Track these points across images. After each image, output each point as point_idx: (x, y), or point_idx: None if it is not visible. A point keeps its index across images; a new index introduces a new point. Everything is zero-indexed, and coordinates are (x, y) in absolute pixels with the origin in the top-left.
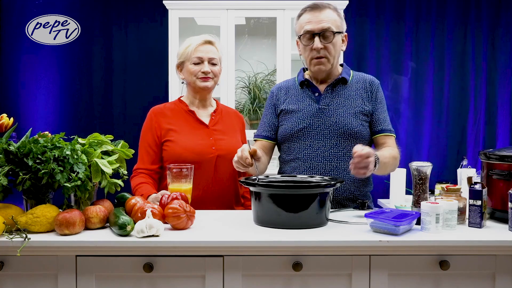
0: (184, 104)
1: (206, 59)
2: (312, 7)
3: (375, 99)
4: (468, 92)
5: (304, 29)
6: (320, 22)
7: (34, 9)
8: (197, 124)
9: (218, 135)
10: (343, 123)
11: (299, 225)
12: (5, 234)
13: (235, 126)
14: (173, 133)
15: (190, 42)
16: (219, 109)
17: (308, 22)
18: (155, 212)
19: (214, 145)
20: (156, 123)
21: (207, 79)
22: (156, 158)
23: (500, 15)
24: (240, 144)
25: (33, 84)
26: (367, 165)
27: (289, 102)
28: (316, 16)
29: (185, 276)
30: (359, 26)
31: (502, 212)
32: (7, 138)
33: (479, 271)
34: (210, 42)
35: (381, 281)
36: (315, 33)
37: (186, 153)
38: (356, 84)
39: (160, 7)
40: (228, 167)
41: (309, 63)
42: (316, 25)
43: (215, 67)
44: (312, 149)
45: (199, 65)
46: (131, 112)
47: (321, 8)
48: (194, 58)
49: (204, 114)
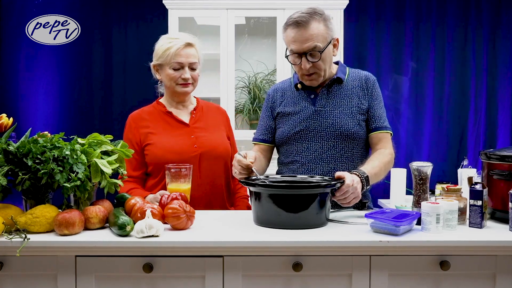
0: (162, 105)
1: (187, 64)
2: (295, 24)
3: (371, 96)
4: (469, 92)
5: (290, 49)
6: (306, 41)
7: (34, 9)
8: (177, 124)
9: (200, 132)
10: (340, 125)
11: (299, 225)
12: (5, 234)
13: (218, 121)
14: (152, 136)
15: (170, 44)
16: (200, 106)
17: (293, 41)
18: (155, 212)
19: (196, 143)
20: (135, 129)
21: (187, 85)
22: (137, 164)
23: (500, 15)
24: (224, 139)
25: (33, 84)
26: (355, 192)
27: (285, 104)
28: (301, 34)
29: (185, 276)
30: (359, 26)
31: (502, 212)
32: (6, 138)
33: (479, 271)
34: (190, 45)
35: (381, 281)
36: (301, 53)
37: (167, 154)
38: (352, 83)
39: (160, 6)
40: (214, 164)
41: (301, 78)
42: (301, 45)
43: (194, 72)
44: (310, 151)
45: (179, 71)
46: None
47: (306, 24)
48: (174, 63)
49: (184, 113)
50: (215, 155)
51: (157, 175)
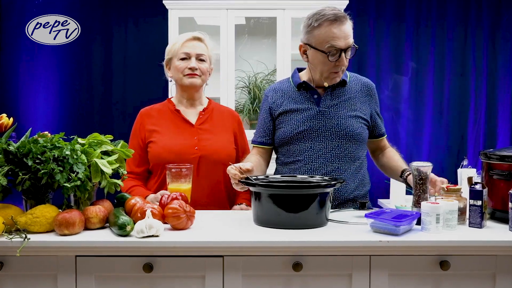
0: (172, 103)
1: (194, 55)
2: (337, 19)
3: (375, 103)
4: (469, 92)
5: (332, 45)
6: (347, 37)
7: (34, 9)
8: (182, 124)
9: (204, 134)
10: (345, 125)
11: (299, 225)
12: (5, 234)
13: (227, 126)
14: (156, 134)
15: (179, 38)
16: (210, 107)
17: (336, 38)
18: (155, 212)
19: (197, 145)
20: (142, 125)
21: (194, 75)
22: (141, 161)
23: (500, 15)
24: (229, 144)
25: (33, 84)
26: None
27: (286, 104)
28: (342, 31)
29: (185, 276)
30: (359, 26)
31: (502, 212)
32: (6, 138)
33: (479, 271)
34: (198, 39)
35: (382, 281)
36: (342, 49)
37: (165, 153)
38: (354, 86)
39: (160, 7)
40: (213, 169)
41: (327, 76)
42: (344, 41)
43: (203, 64)
44: (313, 150)
45: (185, 61)
46: (131, 112)
47: (343, 21)
48: (181, 54)
49: (192, 113)
50: (215, 159)
51: (156, 173)
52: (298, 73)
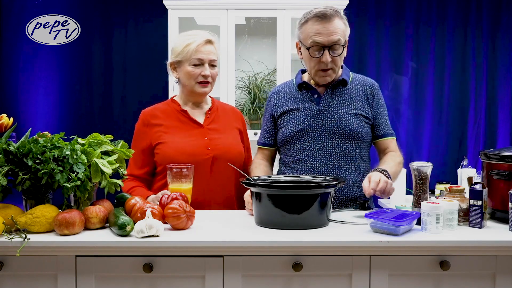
0: (177, 103)
1: (207, 61)
2: (321, 17)
3: (377, 103)
4: (469, 92)
5: (313, 41)
6: (331, 34)
7: (34, 9)
8: (191, 124)
9: (214, 134)
10: (344, 124)
11: (300, 226)
12: (5, 234)
13: (233, 124)
14: (164, 135)
15: (190, 40)
16: (215, 106)
17: (318, 34)
18: (155, 212)
19: (209, 145)
20: (147, 127)
21: (207, 84)
22: (143, 163)
23: (500, 15)
24: (238, 142)
25: (33, 84)
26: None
27: (287, 104)
28: (326, 27)
29: (185, 276)
30: (359, 26)
31: (502, 212)
32: (6, 138)
33: (479, 272)
34: (210, 42)
35: (382, 282)
36: (325, 46)
37: (178, 155)
38: (356, 86)
39: (160, 7)
40: (226, 168)
41: (314, 73)
42: (326, 38)
43: (214, 70)
44: (314, 149)
45: (199, 67)
46: (131, 112)
47: (330, 18)
48: (194, 60)
49: (199, 113)
50: (228, 158)
51: (165, 175)
52: (302, 74)
